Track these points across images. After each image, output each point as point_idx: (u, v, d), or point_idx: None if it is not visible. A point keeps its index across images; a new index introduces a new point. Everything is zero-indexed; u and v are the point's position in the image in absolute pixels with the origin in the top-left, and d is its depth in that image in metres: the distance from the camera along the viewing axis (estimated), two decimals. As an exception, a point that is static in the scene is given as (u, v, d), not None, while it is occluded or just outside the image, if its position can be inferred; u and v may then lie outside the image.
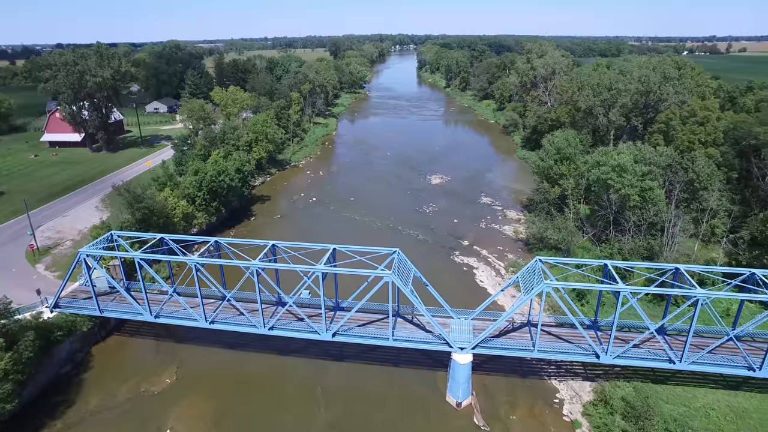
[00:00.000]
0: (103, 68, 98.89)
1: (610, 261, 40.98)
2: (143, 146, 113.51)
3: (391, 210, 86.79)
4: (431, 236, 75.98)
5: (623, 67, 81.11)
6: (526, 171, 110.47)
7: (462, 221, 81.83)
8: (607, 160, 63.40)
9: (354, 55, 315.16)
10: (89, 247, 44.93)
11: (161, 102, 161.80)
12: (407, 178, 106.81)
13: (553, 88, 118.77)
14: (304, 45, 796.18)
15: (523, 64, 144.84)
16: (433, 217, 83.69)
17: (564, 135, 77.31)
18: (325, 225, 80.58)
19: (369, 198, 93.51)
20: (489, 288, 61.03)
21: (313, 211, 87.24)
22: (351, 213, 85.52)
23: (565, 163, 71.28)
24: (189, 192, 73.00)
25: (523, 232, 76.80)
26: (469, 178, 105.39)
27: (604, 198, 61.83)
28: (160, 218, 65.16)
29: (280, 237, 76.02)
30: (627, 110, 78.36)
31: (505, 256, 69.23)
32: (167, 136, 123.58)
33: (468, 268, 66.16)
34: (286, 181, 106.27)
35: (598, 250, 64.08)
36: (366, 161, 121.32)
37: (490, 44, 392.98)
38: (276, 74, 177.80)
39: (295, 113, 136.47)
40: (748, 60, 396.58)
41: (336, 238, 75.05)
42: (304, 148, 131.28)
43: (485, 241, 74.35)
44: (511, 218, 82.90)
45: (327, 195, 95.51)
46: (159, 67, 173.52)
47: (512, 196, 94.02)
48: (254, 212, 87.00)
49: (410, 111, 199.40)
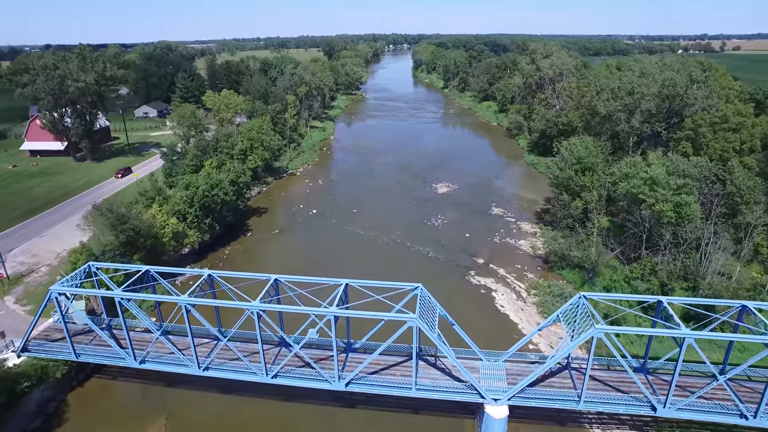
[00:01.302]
0: (86, 72, 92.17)
1: (665, 298, 35.48)
2: (131, 155, 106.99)
3: (398, 223, 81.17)
4: (443, 253, 70.44)
5: (644, 69, 76.08)
6: (536, 178, 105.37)
7: (474, 235, 76.37)
8: (636, 171, 58.17)
9: (349, 55, 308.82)
10: (61, 284, 38.92)
11: (151, 106, 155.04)
12: (411, 186, 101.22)
13: (562, 91, 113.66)
14: (297, 45, 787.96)
15: (527, 64, 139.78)
16: (443, 231, 78.16)
17: (583, 143, 72.06)
18: (328, 241, 74.83)
19: (372, 209, 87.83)
20: (511, 314, 55.60)
21: (314, 225, 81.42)
22: (354, 227, 79.80)
23: (587, 174, 65.94)
24: (179, 208, 66.95)
25: (540, 248, 71.48)
26: (476, 186, 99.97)
27: (636, 215, 56.49)
28: (148, 239, 59.12)
29: (279, 256, 70.46)
30: (649, 115, 73.22)
31: (525, 276, 63.83)
32: (157, 144, 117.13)
33: (486, 290, 60.67)
34: (284, 191, 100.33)
35: (627, 270, 58.79)
36: (367, 168, 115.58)
37: (486, 43, 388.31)
38: (270, 76, 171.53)
39: (292, 117, 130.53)
40: (744, 59, 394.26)
41: (340, 257, 69.87)
42: (302, 155, 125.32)
43: (501, 258, 68.93)
44: (526, 231, 77.53)
45: (328, 206, 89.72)
46: (148, 69, 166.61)
47: (524, 205, 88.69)
48: (250, 226, 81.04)
49: (409, 113, 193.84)
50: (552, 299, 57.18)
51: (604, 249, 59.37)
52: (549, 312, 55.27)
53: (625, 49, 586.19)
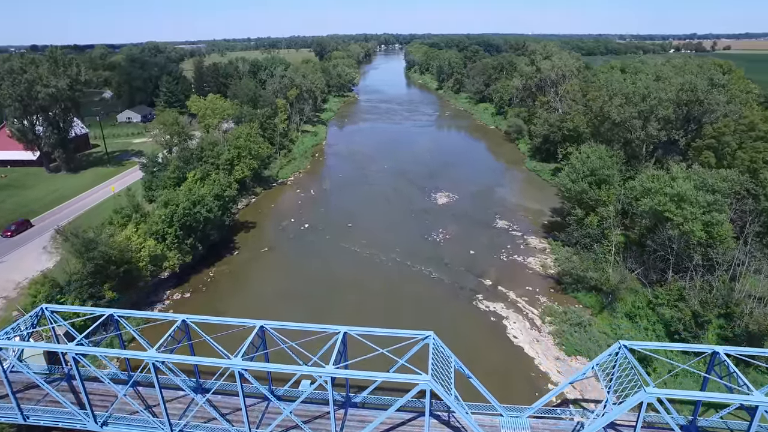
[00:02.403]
0: (57, 77, 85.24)
1: (722, 348, 30.05)
2: (110, 164, 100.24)
3: (396, 238, 75.55)
4: (446, 274, 64.92)
5: (660, 72, 71.16)
6: (540, 185, 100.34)
7: (479, 252, 70.93)
8: (660, 186, 53.02)
9: (341, 56, 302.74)
10: (4, 335, 32.77)
11: (134, 111, 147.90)
12: (409, 196, 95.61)
13: (565, 94, 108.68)
14: (288, 45, 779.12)
15: (526, 66, 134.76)
16: (445, 248, 72.64)
17: (596, 152, 66.89)
18: (321, 261, 69.01)
19: (369, 223, 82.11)
20: (525, 346, 50.16)
21: (306, 242, 75.52)
22: (350, 243, 74.05)
23: (603, 188, 60.71)
24: (158, 228, 60.79)
25: (551, 266, 66.21)
26: (478, 196, 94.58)
27: (662, 235, 51.28)
28: (120, 265, 52.96)
29: (268, 279, 64.40)
30: (665, 122, 68.25)
31: (537, 300, 58.47)
32: (139, 152, 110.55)
33: (496, 317, 55.20)
34: (274, 203, 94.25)
35: (650, 294, 53.64)
36: (361, 176, 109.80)
37: (478, 43, 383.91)
38: (259, 78, 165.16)
39: (282, 122, 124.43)
40: (740, 58, 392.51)
41: (335, 281, 63.50)
42: (293, 162, 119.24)
43: (510, 278, 63.54)
44: (535, 247, 72.24)
45: (320, 220, 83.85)
46: (132, 71, 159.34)
47: (530, 217, 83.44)
48: (237, 244, 74.98)
49: (403, 116, 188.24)
50: (569, 328, 51.85)
51: (626, 271, 54.10)
52: (567, 343, 50.07)
53: (618, 49, 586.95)
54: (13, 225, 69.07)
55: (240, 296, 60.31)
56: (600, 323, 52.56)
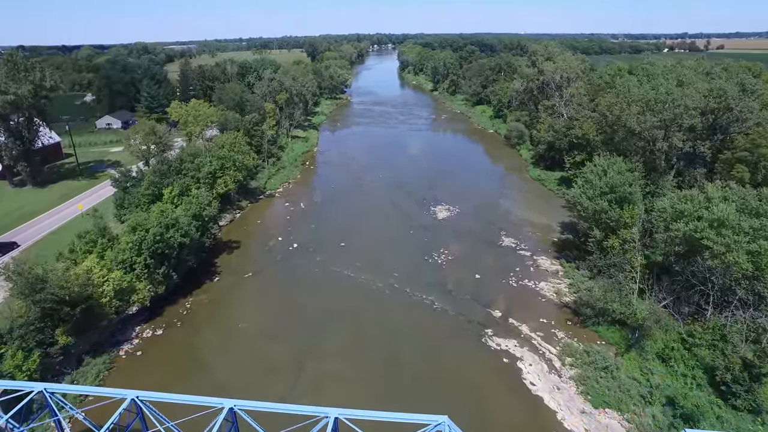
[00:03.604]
0: (18, 82, 77.48)
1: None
2: (83, 177, 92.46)
3: (394, 260, 68.83)
4: (450, 303, 58.24)
5: (683, 76, 64.86)
6: (545, 196, 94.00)
7: (485, 276, 64.35)
8: (695, 208, 46.65)
9: (333, 56, 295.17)
10: None
11: (115, 116, 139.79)
12: (407, 209, 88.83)
13: (570, 98, 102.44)
14: (280, 46, 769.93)
15: (527, 67, 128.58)
16: (447, 271, 65.99)
17: (614, 165, 60.49)
18: (311, 289, 62.12)
19: (363, 242, 75.29)
20: (545, 396, 43.57)
21: (294, 265, 68.57)
22: (343, 266, 67.21)
23: (626, 208, 54.25)
24: (125, 257, 53.60)
25: (566, 293, 59.73)
26: (480, 209, 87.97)
27: (700, 266, 44.91)
28: (77, 305, 45.79)
29: (251, 310, 56.96)
30: (689, 132, 62.01)
31: (554, 335, 51.93)
32: (116, 162, 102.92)
33: (509, 358, 48.58)
34: (261, 218, 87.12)
35: (684, 330, 47.31)
36: (355, 186, 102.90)
37: (472, 43, 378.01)
38: (247, 81, 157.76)
39: (271, 128, 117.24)
40: (734, 57, 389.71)
41: (325, 313, 55.25)
42: (282, 171, 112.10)
43: (522, 308, 56.98)
44: (546, 269, 65.75)
45: (311, 238, 76.90)
46: (113, 74, 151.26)
47: (538, 234, 76.97)
48: (218, 268, 67.92)
49: (398, 119, 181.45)
50: (594, 373, 45.31)
51: (656, 306, 47.68)
52: (593, 392, 43.54)
53: (612, 48, 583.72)
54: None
55: (218, 333, 53.33)
56: (628, 365, 46.06)
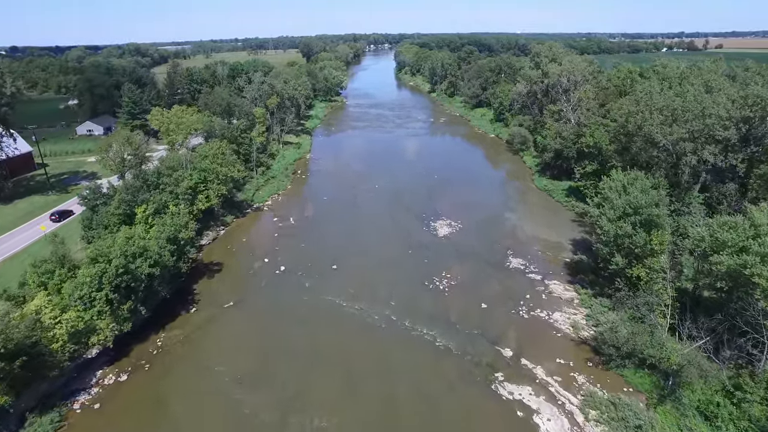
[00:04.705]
0: (-25, 90, 71.10)
1: None
2: (53, 191, 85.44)
3: (391, 286, 62.38)
4: (454, 338, 51.77)
5: (712, 82, 58.52)
6: (553, 209, 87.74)
7: (492, 305, 57.91)
8: (740, 238, 40.29)
9: (328, 57, 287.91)
10: None
11: (96, 122, 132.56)
12: (405, 225, 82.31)
13: (578, 102, 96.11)
14: (275, 46, 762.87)
15: (531, 69, 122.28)
16: (450, 299, 59.52)
17: (637, 181, 54.14)
18: (298, 323, 55.56)
19: (357, 264, 68.78)
20: (568, 461, 37.19)
21: (281, 292, 61.96)
22: (334, 294, 60.67)
23: (654, 234, 47.85)
24: (82, 294, 46.91)
25: (584, 325, 53.36)
26: (484, 224, 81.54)
27: (748, 304, 38.60)
28: (16, 357, 39.11)
29: (230, 348, 50.03)
30: (722, 144, 55.71)
31: (574, 380, 45.56)
32: (92, 174, 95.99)
33: (523, 410, 42.14)
34: (246, 235, 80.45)
35: (725, 377, 40.98)
36: (349, 198, 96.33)
37: (469, 43, 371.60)
38: (237, 85, 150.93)
39: (260, 135, 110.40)
40: (737, 57, 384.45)
41: (313, 355, 46.98)
42: (271, 181, 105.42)
43: (535, 345, 50.58)
44: (559, 297, 59.38)
45: (300, 259, 70.33)
46: (95, 77, 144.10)
47: (548, 253, 70.62)
48: (197, 296, 61.32)
49: (395, 123, 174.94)
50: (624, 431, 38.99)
51: (696, 352, 41.33)
52: (625, 457, 37.16)
53: (610, 48, 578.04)
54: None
55: (191, 378, 46.82)
56: (663, 422, 39.66)
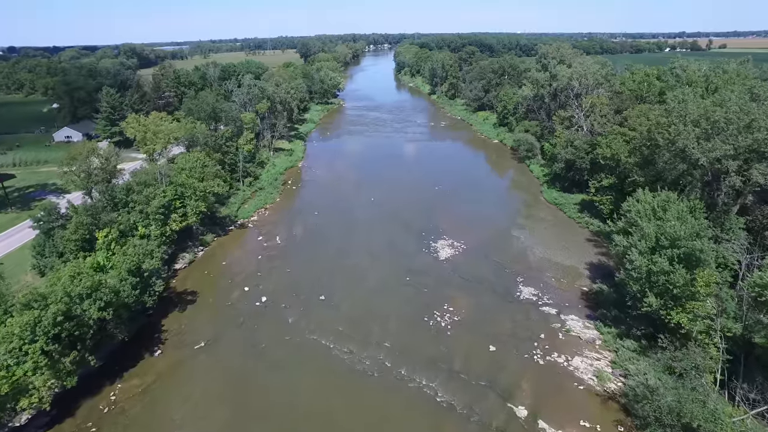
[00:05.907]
0: None
1: None
2: (13, 208, 77.52)
3: (385, 321, 54.66)
4: (458, 392, 43.96)
5: (758, 89, 50.88)
6: (566, 226, 79.89)
7: (502, 347, 50.10)
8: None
9: (326, 58, 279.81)
10: None
11: (76, 128, 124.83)
12: (402, 245, 74.46)
13: (592, 109, 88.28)
14: (274, 46, 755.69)
15: (538, 71, 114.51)
16: (453, 339, 51.67)
17: (673, 207, 46.36)
18: (277, 368, 47.76)
19: (349, 294, 60.97)
20: None
21: (260, 332, 54.10)
22: (320, 333, 52.86)
23: (699, 273, 39.99)
24: (11, 347, 39.10)
25: (609, 374, 45.55)
26: (490, 244, 73.74)
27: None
28: None
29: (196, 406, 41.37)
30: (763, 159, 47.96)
31: (604, 452, 37.73)
32: (61, 188, 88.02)
33: (545, 497, 34.32)
34: (226, 257, 72.58)
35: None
36: (342, 213, 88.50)
37: (470, 43, 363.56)
38: (226, 88, 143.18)
39: (248, 143, 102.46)
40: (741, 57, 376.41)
41: (292, 414, 39.07)
42: (259, 193, 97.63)
43: (553, 402, 42.76)
44: (578, 336, 51.55)
45: (284, 287, 62.58)
46: (75, 80, 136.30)
47: (564, 280, 62.81)
48: (164, 334, 53.55)
49: (393, 127, 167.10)
50: None
51: (758, 424, 33.54)
52: None
53: (613, 48, 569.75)
54: None
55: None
56: None
